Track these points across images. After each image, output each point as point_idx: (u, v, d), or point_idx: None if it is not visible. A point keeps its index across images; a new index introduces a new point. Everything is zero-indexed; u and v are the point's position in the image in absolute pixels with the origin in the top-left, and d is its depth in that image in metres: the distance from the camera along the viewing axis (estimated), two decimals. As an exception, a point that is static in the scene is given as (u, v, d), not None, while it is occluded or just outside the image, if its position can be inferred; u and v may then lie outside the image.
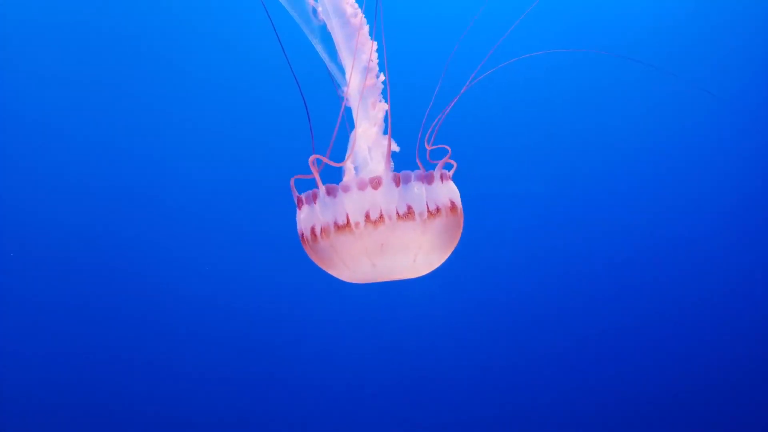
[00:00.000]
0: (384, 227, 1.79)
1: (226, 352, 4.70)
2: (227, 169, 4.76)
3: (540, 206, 4.89)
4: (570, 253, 4.91)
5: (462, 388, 4.84)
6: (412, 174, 1.85)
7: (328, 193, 1.83)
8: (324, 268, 1.98)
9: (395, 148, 1.96)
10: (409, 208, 1.81)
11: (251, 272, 4.73)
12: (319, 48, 2.06)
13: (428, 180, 1.85)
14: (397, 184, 1.82)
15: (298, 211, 1.95)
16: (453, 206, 1.89)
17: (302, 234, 1.94)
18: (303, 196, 1.91)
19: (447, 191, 1.89)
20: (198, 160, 4.72)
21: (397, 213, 1.80)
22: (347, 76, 2.00)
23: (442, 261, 1.98)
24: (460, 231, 1.96)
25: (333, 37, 2.03)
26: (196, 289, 4.69)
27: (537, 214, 4.89)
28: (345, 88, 2.01)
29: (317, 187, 1.87)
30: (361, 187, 1.82)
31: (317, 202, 1.86)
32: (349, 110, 2.03)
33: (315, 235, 1.87)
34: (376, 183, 1.81)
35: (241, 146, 4.77)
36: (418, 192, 1.82)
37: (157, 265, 4.66)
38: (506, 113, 4.89)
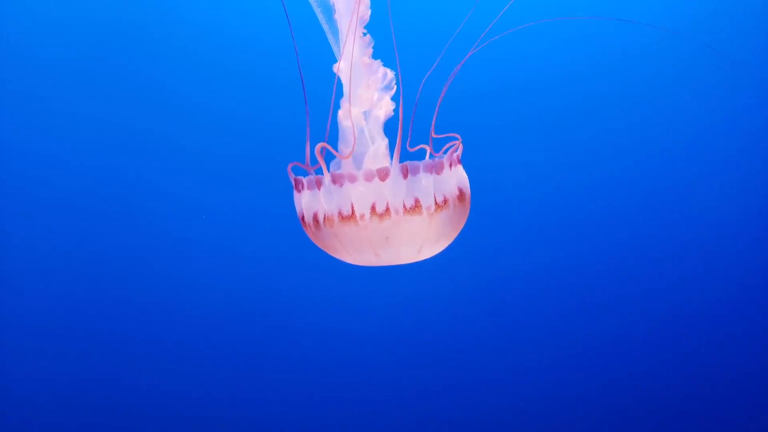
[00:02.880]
0: (390, 221, 1.74)
1: (224, 335, 4.69)
2: (223, 154, 4.72)
3: (552, 187, 4.83)
4: (582, 242, 4.85)
5: (466, 374, 4.84)
6: (420, 164, 1.78)
7: (334, 181, 1.77)
8: (325, 250, 1.95)
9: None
10: (417, 201, 1.75)
11: (250, 255, 4.71)
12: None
13: (437, 169, 1.78)
14: (405, 175, 1.76)
15: (296, 193, 1.90)
16: (461, 194, 1.84)
17: (302, 217, 1.89)
18: (305, 180, 1.85)
19: (456, 179, 1.84)
20: (191, 147, 4.68)
21: (404, 206, 1.74)
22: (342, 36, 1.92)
23: (447, 245, 1.95)
24: (467, 215, 1.92)
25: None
26: (197, 275, 4.67)
27: (547, 197, 4.83)
28: (339, 62, 1.93)
29: (321, 173, 1.81)
30: (368, 177, 1.75)
31: (321, 188, 1.80)
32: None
33: (318, 222, 1.82)
34: (383, 174, 1.75)
35: (236, 130, 4.73)
36: (426, 184, 1.76)
37: (154, 256, 4.63)
38: (515, 89, 4.81)
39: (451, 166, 1.83)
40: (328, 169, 1.83)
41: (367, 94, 1.92)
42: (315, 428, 4.73)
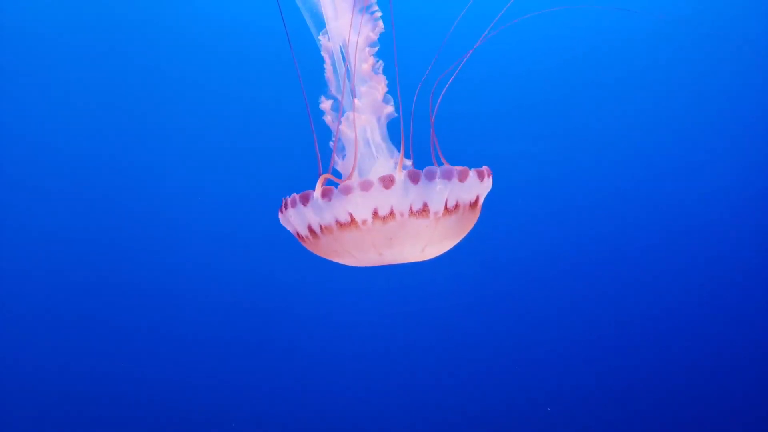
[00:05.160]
0: (394, 223, 1.69)
1: (229, 344, 4.68)
2: (223, 167, 4.72)
3: (554, 192, 4.82)
4: (584, 244, 4.84)
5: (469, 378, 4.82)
6: (437, 170, 1.69)
7: (323, 195, 1.70)
8: (326, 257, 1.90)
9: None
10: (425, 205, 1.69)
11: (250, 263, 4.70)
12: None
13: (461, 176, 1.70)
14: (415, 181, 1.68)
15: (280, 214, 1.85)
16: (476, 202, 1.78)
17: (297, 233, 1.84)
18: (288, 199, 1.80)
19: (479, 188, 1.77)
20: (193, 159, 4.68)
21: (411, 210, 1.69)
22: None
23: (452, 246, 1.89)
24: (475, 219, 1.85)
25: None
26: (201, 285, 4.67)
27: (552, 201, 4.82)
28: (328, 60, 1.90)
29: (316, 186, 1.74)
30: (365, 187, 1.67)
31: (308, 204, 1.73)
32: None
33: (314, 233, 1.77)
34: (388, 181, 1.67)
35: (237, 145, 4.73)
36: (441, 189, 1.68)
37: (159, 266, 4.63)
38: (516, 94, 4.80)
39: (480, 176, 1.76)
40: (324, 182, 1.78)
41: (369, 101, 1.88)
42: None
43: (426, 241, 1.76)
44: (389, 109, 1.90)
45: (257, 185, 4.67)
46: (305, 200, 1.75)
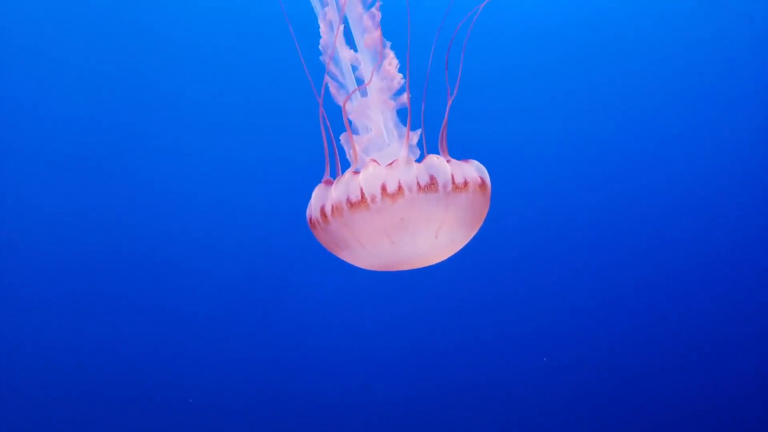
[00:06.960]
0: (403, 200, 1.64)
1: (234, 338, 4.66)
2: (235, 154, 4.72)
3: (568, 192, 4.79)
4: (594, 246, 4.81)
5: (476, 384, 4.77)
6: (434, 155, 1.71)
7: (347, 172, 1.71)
8: (338, 254, 1.83)
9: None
10: (432, 178, 1.66)
11: (260, 258, 4.68)
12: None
13: (446, 158, 1.74)
14: (419, 158, 1.71)
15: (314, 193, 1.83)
16: (483, 183, 1.75)
17: (311, 218, 1.80)
18: (327, 178, 1.80)
19: (475, 169, 1.76)
20: (204, 146, 4.68)
21: (418, 184, 1.65)
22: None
23: (465, 242, 1.82)
24: (486, 211, 1.81)
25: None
26: (206, 278, 4.65)
27: (562, 203, 4.79)
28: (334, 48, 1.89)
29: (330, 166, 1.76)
30: (377, 161, 1.70)
31: (335, 182, 1.74)
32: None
33: (325, 216, 1.73)
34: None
35: (249, 132, 4.73)
36: (439, 162, 1.68)
37: (167, 254, 4.62)
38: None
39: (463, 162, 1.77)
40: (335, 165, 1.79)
41: (382, 86, 1.87)
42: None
43: (439, 223, 1.69)
44: (401, 95, 1.89)
45: (266, 173, 4.67)
46: (330, 182, 1.77)
